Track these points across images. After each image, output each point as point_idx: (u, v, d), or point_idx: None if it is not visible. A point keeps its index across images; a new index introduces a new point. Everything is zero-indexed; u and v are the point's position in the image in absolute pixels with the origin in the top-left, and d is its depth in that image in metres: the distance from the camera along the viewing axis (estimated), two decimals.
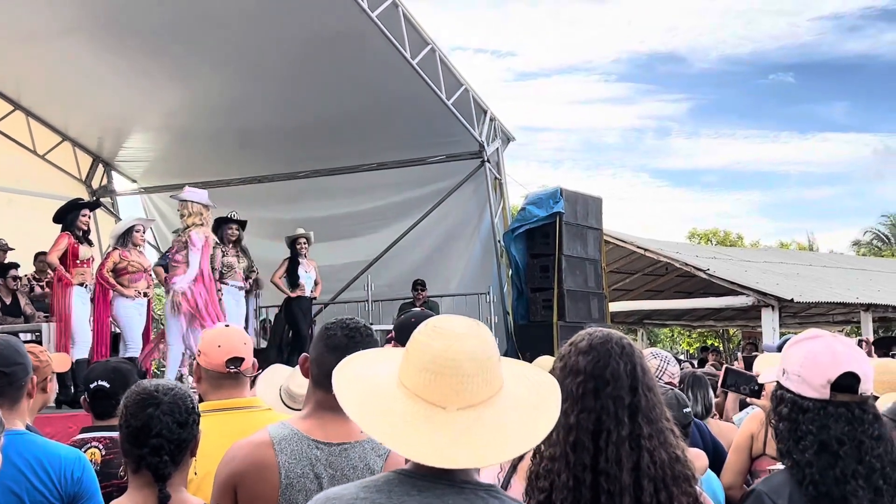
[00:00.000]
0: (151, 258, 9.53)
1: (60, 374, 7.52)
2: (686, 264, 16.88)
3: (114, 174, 14.30)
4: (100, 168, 14.09)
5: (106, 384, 3.28)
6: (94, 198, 13.13)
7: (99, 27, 10.30)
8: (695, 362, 16.10)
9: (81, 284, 8.25)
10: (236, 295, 9.83)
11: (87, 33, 10.45)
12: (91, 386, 3.32)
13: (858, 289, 18.99)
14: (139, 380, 2.63)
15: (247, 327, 9.80)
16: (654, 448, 1.94)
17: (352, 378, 1.71)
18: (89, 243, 8.65)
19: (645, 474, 1.92)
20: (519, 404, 1.65)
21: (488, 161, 12.07)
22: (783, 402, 2.09)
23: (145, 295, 8.67)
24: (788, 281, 17.60)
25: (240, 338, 3.08)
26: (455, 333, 1.64)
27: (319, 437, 2.33)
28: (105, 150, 13.85)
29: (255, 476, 2.30)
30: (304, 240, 10.73)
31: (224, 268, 9.76)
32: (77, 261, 8.26)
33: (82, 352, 8.18)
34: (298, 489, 2.29)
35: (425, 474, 1.61)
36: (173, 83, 11.53)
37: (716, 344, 30.27)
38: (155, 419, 2.36)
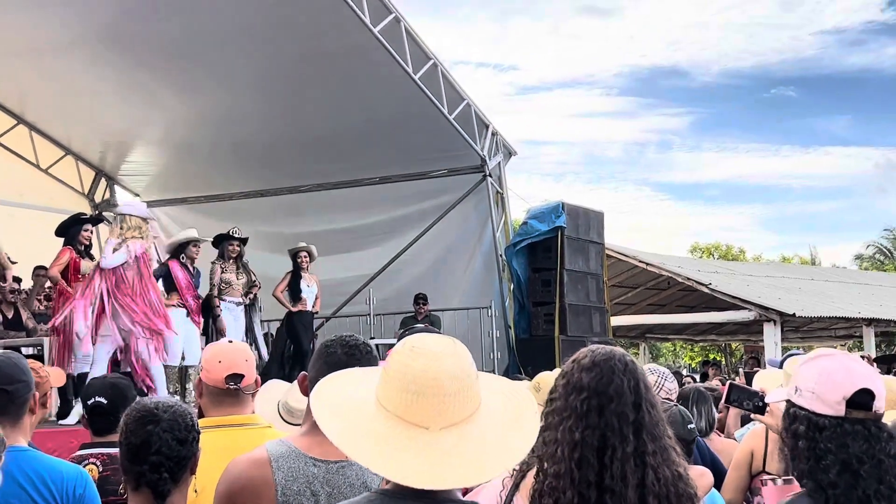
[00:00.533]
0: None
1: (60, 388, 7.57)
2: (688, 279, 16.89)
3: (116, 188, 14.33)
4: (102, 182, 14.11)
5: (103, 400, 3.28)
6: (97, 212, 13.15)
7: (102, 43, 10.33)
8: (696, 377, 16.06)
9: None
10: (234, 311, 9.81)
11: (91, 49, 10.48)
12: (89, 402, 3.32)
13: (861, 303, 18.96)
14: (136, 396, 2.62)
15: (250, 342, 9.75)
16: (659, 465, 1.93)
17: (330, 401, 1.70)
18: (91, 257, 8.62)
19: (650, 491, 1.90)
20: (498, 420, 1.66)
21: (490, 175, 12.08)
22: (797, 420, 2.07)
23: None
24: (790, 295, 17.59)
25: (241, 354, 3.07)
26: (433, 353, 1.64)
27: (317, 455, 2.31)
28: (108, 164, 13.88)
29: (252, 493, 2.28)
30: (306, 253, 10.72)
31: (222, 284, 9.76)
32: (79, 275, 8.24)
33: (83, 366, 8.14)
34: None
35: (406, 494, 1.60)
36: (176, 98, 11.55)
37: (718, 358, 30.21)
38: (154, 436, 2.35)
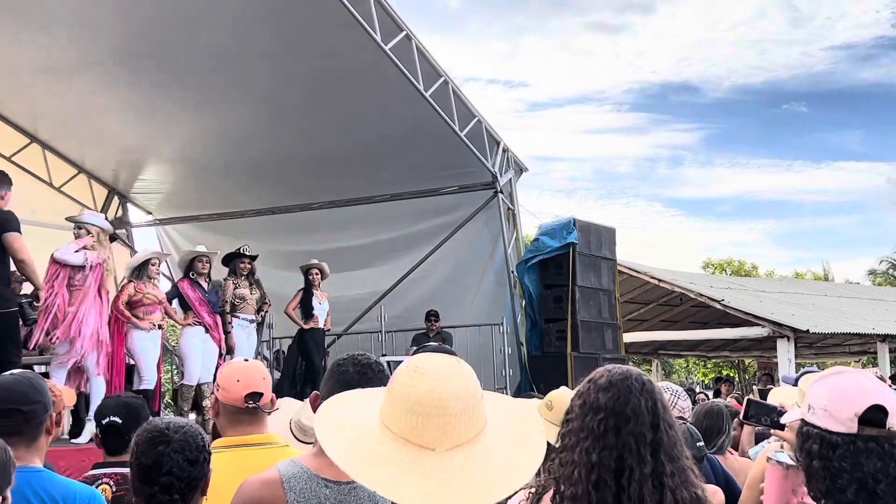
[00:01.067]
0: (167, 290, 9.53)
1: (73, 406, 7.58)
2: (701, 295, 16.81)
3: (129, 206, 14.37)
4: (115, 200, 14.15)
5: (118, 420, 3.27)
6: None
7: (115, 61, 10.39)
8: (709, 393, 15.97)
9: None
10: (247, 328, 9.82)
11: (103, 67, 10.54)
12: (103, 422, 3.31)
13: (874, 319, 18.83)
14: (150, 415, 2.61)
15: (259, 359, 9.76)
16: (677, 486, 1.90)
17: (334, 423, 1.68)
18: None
19: None
20: (505, 439, 1.64)
21: (501, 192, 12.07)
22: (810, 438, 2.05)
23: (160, 327, 8.71)
24: (804, 311, 17.49)
25: (259, 373, 3.06)
26: (438, 373, 1.62)
27: (329, 476, 2.29)
28: (120, 183, 13.93)
29: None
30: (317, 270, 10.73)
31: (236, 299, 9.76)
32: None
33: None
34: None
35: None
36: (188, 116, 11.60)
37: (731, 374, 30.04)
38: (165, 457, 2.34)
